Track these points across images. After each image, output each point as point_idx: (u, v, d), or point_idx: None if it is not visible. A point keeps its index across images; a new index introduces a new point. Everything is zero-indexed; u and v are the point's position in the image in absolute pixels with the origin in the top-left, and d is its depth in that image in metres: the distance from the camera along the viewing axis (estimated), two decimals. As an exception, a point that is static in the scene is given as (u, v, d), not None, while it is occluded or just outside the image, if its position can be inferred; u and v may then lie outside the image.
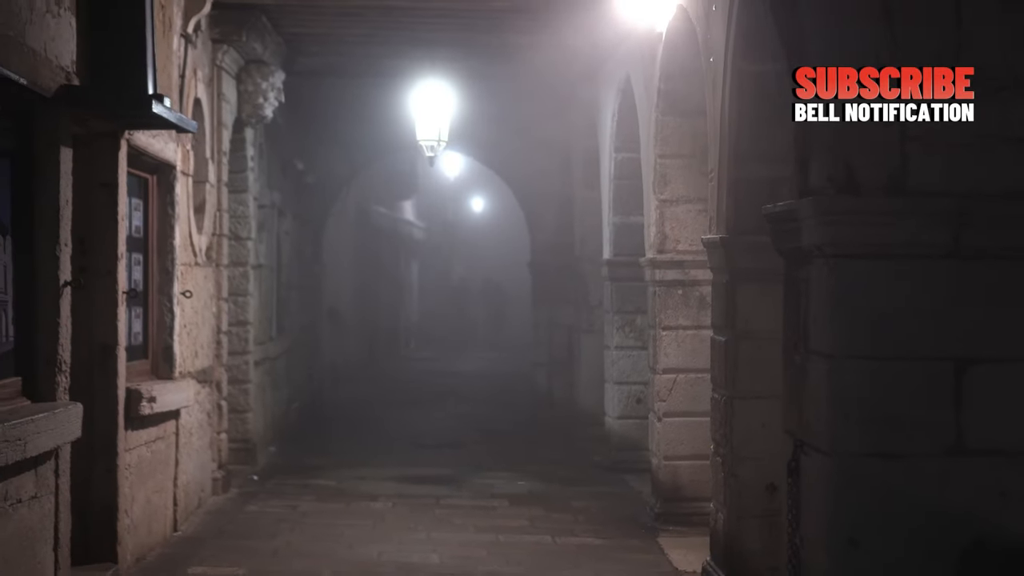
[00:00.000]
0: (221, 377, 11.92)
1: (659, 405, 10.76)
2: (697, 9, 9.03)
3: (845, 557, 4.88)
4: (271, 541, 9.76)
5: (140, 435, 8.86)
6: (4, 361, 6.77)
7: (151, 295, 9.63)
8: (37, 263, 7.00)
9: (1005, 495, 4.85)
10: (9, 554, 6.32)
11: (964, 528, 4.82)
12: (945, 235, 4.86)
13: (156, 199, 9.69)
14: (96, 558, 8.07)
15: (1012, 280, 4.91)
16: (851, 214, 4.89)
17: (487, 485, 12.58)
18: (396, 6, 11.96)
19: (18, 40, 6.41)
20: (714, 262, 8.42)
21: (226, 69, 11.98)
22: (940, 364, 4.89)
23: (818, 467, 5.06)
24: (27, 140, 6.94)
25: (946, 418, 4.87)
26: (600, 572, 8.98)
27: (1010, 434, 4.88)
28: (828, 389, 4.97)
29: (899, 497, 4.85)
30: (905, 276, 4.90)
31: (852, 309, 4.92)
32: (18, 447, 6.14)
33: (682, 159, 10.71)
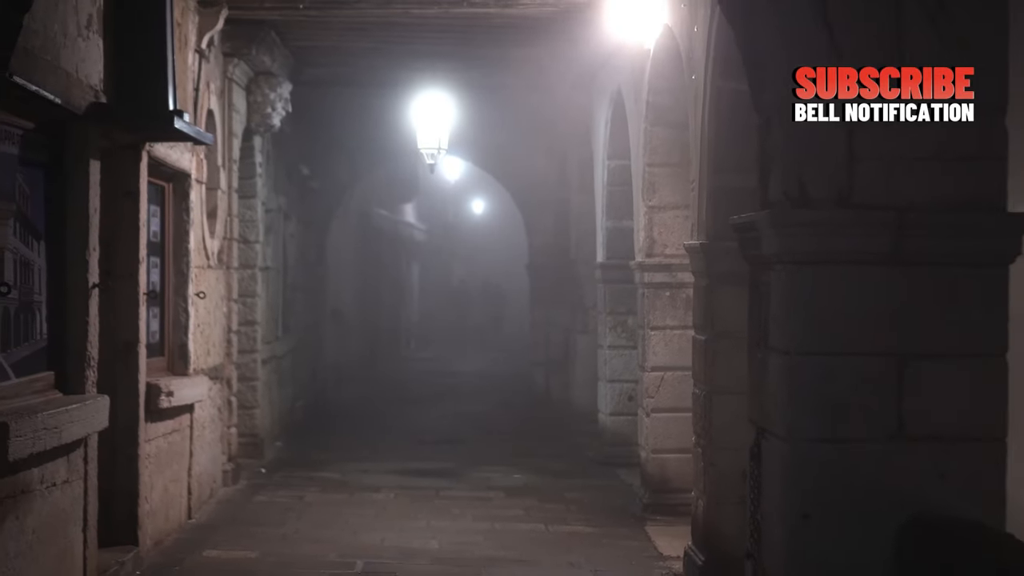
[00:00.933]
0: (231, 374, 12.51)
1: (648, 401, 11.31)
2: (681, 29, 9.60)
3: (798, 530, 5.46)
4: (280, 528, 10.34)
5: (158, 427, 9.44)
6: (38, 357, 7.36)
7: (167, 296, 10.21)
8: (68, 266, 7.60)
9: (942, 476, 5.42)
10: (45, 533, 6.90)
11: (904, 505, 5.37)
12: (887, 243, 5.41)
13: (172, 206, 10.27)
14: (118, 541, 8.64)
15: (947, 283, 5.47)
16: (803, 226, 5.46)
17: (484, 478, 13.13)
18: (398, 22, 12.55)
19: (54, 63, 7.00)
20: (695, 266, 8.99)
21: (236, 81, 12.57)
22: (884, 359, 5.45)
23: (776, 451, 5.64)
24: (59, 153, 7.54)
25: (889, 407, 5.43)
26: (590, 557, 9.53)
27: (946, 422, 5.44)
28: (785, 382, 5.53)
29: (846, 477, 5.41)
30: (852, 280, 5.45)
31: (806, 310, 5.49)
32: (55, 434, 6.73)
33: (669, 168, 11.24)
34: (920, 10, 5.45)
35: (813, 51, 5.45)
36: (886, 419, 5.45)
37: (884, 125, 5.44)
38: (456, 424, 17.92)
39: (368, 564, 9.05)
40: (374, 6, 11.77)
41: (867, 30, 5.47)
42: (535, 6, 11.74)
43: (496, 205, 37.16)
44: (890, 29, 5.47)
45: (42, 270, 7.41)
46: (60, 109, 7.12)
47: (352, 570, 8.90)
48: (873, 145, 5.45)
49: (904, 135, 5.45)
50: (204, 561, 9.16)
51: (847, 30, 5.49)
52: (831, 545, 5.43)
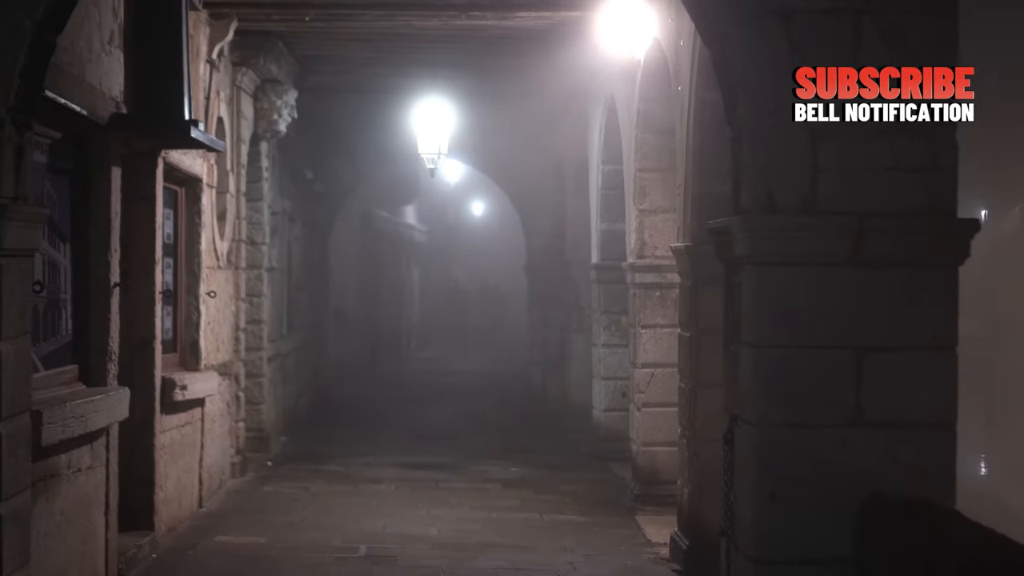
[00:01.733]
0: (239, 370, 13.02)
1: (638, 396, 11.78)
2: (668, 42, 10.11)
3: (767, 508, 5.94)
4: (287, 516, 10.86)
5: (172, 419, 9.95)
6: (64, 351, 7.89)
7: (180, 295, 10.72)
8: (91, 267, 8.13)
9: (896, 458, 5.91)
10: (72, 515, 7.42)
11: (863, 484, 5.85)
12: (847, 247, 5.89)
13: (185, 209, 10.78)
14: (135, 526, 9.17)
15: (903, 283, 5.94)
16: (770, 230, 5.94)
17: (482, 471, 13.63)
18: (401, 33, 13.07)
19: (80, 77, 7.52)
20: (681, 267, 9.48)
21: (244, 89, 13.08)
22: (843, 352, 5.92)
23: (747, 436, 6.13)
24: (83, 161, 8.07)
25: (848, 396, 5.92)
26: (582, 543, 10.04)
27: (901, 409, 5.92)
28: (754, 373, 6.01)
29: (810, 460, 5.89)
30: (815, 280, 5.92)
31: (773, 307, 5.97)
32: (81, 422, 7.26)
33: (660, 173, 11.70)
34: (878, 34, 5.93)
35: (780, 71, 5.94)
36: (846, 407, 5.93)
37: (845, 138, 5.91)
38: (455, 421, 18.35)
39: (371, 548, 9.57)
40: (378, 18, 12.28)
41: (833, 57, 5.92)
42: (531, 19, 12.25)
43: (496, 207, 37.38)
44: (851, 52, 5.95)
45: (67, 270, 7.93)
46: (85, 120, 7.65)
47: (356, 554, 9.42)
48: (835, 156, 5.94)
49: (863, 147, 5.92)
50: (216, 546, 9.68)
51: (815, 54, 5.95)
52: (797, 522, 5.92)
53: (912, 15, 5.96)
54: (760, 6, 5.99)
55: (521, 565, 9.17)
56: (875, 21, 5.93)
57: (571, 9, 11.70)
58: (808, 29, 5.93)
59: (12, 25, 5.74)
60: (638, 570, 9.25)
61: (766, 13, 5.98)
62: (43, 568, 6.76)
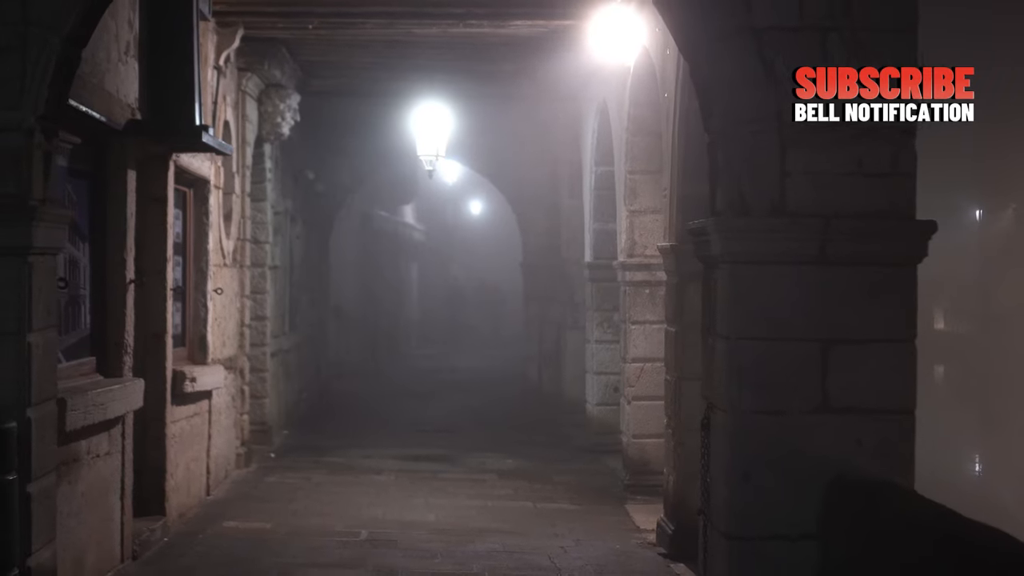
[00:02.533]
0: (244, 365, 13.48)
1: (629, 390, 12.22)
2: (656, 51, 10.57)
3: (740, 488, 6.40)
4: (290, 504, 11.32)
5: (182, 410, 10.42)
6: (83, 344, 8.36)
7: (188, 292, 11.17)
8: (108, 264, 8.59)
9: (859, 442, 6.37)
10: (91, 498, 7.89)
11: (828, 466, 6.31)
12: (813, 246, 6.34)
13: (193, 209, 11.24)
14: (147, 511, 9.62)
15: (865, 280, 6.40)
16: (742, 231, 6.40)
17: (479, 463, 14.07)
18: (400, 40, 13.54)
19: (99, 86, 8.00)
20: (667, 265, 9.94)
21: (249, 93, 13.53)
22: (810, 344, 6.38)
23: (721, 422, 6.60)
24: (101, 164, 8.54)
25: (814, 384, 6.37)
26: (573, 529, 10.49)
27: (863, 397, 6.38)
28: (728, 363, 6.47)
29: (779, 443, 6.34)
30: (784, 277, 6.36)
31: (745, 302, 6.42)
32: (101, 410, 7.73)
33: (649, 175, 12.14)
34: (844, 49, 6.39)
35: (751, 83, 6.41)
36: (812, 394, 6.40)
37: (811, 145, 6.38)
38: (453, 416, 18.72)
39: (372, 533, 10.04)
40: (378, 26, 12.75)
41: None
42: (527, 27, 12.72)
43: (494, 205, 37.62)
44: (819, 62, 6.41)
45: (86, 268, 8.40)
46: (104, 126, 8.12)
47: (357, 538, 9.89)
48: (802, 163, 6.40)
49: (829, 153, 6.39)
50: (224, 531, 10.15)
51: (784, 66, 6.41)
52: (767, 501, 6.38)
53: (876, 32, 6.41)
54: (734, 23, 6.46)
55: (514, 549, 9.63)
56: (840, 37, 6.39)
57: (564, 18, 12.15)
58: (778, 44, 6.38)
59: (42, 42, 6.22)
60: (625, 553, 9.70)
61: (740, 30, 6.44)
62: (65, 547, 7.22)
